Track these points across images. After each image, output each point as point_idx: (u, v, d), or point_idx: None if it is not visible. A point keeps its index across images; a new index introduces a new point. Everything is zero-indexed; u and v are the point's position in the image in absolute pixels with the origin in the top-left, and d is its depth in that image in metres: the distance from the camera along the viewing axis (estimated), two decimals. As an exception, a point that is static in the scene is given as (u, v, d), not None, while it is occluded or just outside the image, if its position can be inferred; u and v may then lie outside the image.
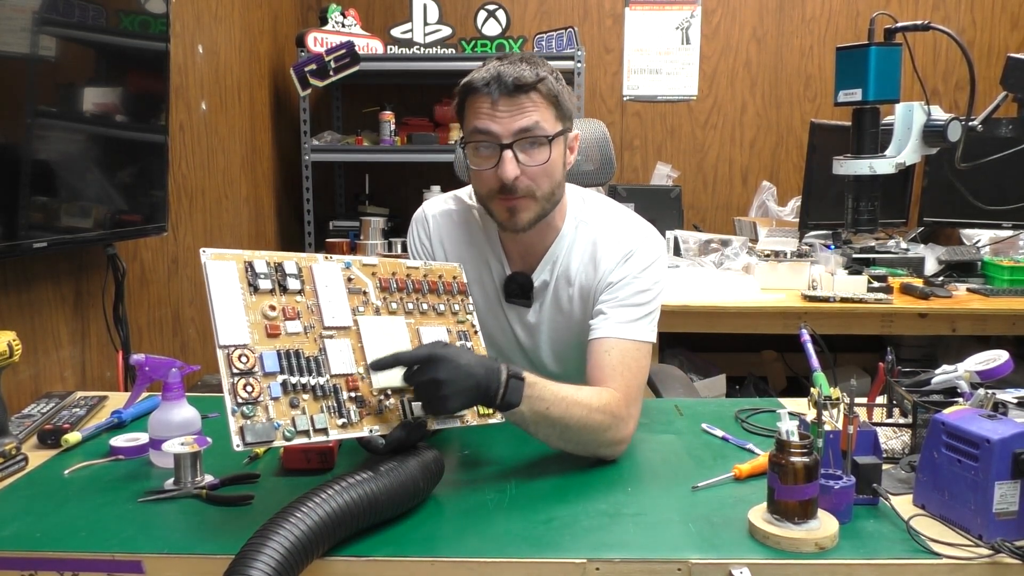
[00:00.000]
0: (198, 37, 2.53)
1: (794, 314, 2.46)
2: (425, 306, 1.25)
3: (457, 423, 1.19)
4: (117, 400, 1.53)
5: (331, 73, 3.12)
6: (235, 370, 1.00)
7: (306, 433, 1.01)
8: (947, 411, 1.07)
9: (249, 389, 0.99)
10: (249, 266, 1.08)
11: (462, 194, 1.51)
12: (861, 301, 2.48)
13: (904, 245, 3.07)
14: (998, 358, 1.27)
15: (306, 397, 1.04)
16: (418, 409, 1.14)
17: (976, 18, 3.64)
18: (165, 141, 2.00)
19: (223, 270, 1.06)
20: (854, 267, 2.80)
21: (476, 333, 1.29)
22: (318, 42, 3.26)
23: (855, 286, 2.53)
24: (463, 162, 1.42)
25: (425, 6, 3.39)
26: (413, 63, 3.36)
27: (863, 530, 1.03)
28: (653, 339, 1.35)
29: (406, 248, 1.53)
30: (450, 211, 1.49)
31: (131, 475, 1.21)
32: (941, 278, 2.71)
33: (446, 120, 3.48)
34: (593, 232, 1.41)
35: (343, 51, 3.12)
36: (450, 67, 3.25)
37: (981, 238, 3.11)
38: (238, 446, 0.96)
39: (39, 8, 1.53)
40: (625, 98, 3.74)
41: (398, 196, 3.62)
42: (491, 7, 3.42)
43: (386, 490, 1.01)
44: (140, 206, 1.94)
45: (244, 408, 0.98)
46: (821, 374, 1.18)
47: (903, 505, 1.08)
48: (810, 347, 1.25)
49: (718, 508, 1.09)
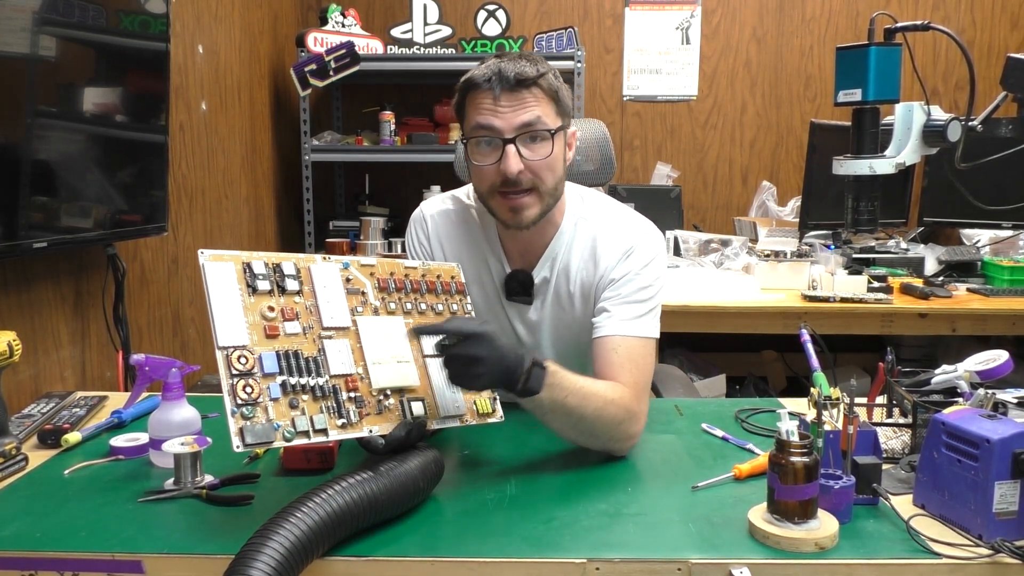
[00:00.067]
0: (198, 37, 2.53)
1: (794, 314, 2.46)
2: (424, 306, 1.25)
3: (457, 423, 1.19)
4: (117, 400, 1.54)
5: (331, 73, 3.12)
6: (234, 371, 1.00)
7: (306, 434, 1.02)
8: (947, 411, 1.07)
9: (248, 390, 0.99)
10: (247, 267, 1.08)
11: (460, 194, 1.51)
12: (861, 301, 2.48)
13: (904, 245, 3.07)
14: (998, 358, 1.27)
15: (305, 398, 1.04)
16: (418, 409, 1.14)
17: (976, 18, 3.64)
18: (165, 141, 2.00)
19: (221, 271, 1.06)
20: (854, 267, 2.80)
21: (476, 333, 1.29)
22: (318, 42, 3.26)
23: (855, 286, 2.53)
24: (463, 160, 1.42)
25: (425, 6, 3.39)
26: (413, 63, 3.35)
27: (863, 530, 1.03)
28: (657, 334, 1.36)
29: (405, 249, 1.53)
30: (448, 211, 1.49)
31: (131, 475, 1.21)
32: (941, 278, 2.71)
33: (446, 120, 3.48)
34: (593, 229, 1.41)
35: (343, 51, 3.12)
36: (450, 67, 3.24)
37: (981, 238, 3.11)
38: (238, 447, 0.96)
39: (39, 8, 1.53)
40: (625, 98, 3.74)
41: (398, 196, 3.61)
42: (491, 7, 3.42)
43: (386, 490, 1.01)
44: (140, 206, 1.94)
45: (244, 409, 0.98)
46: (821, 374, 1.18)
47: (903, 505, 1.08)
48: (810, 347, 1.25)
49: (718, 508, 1.09)
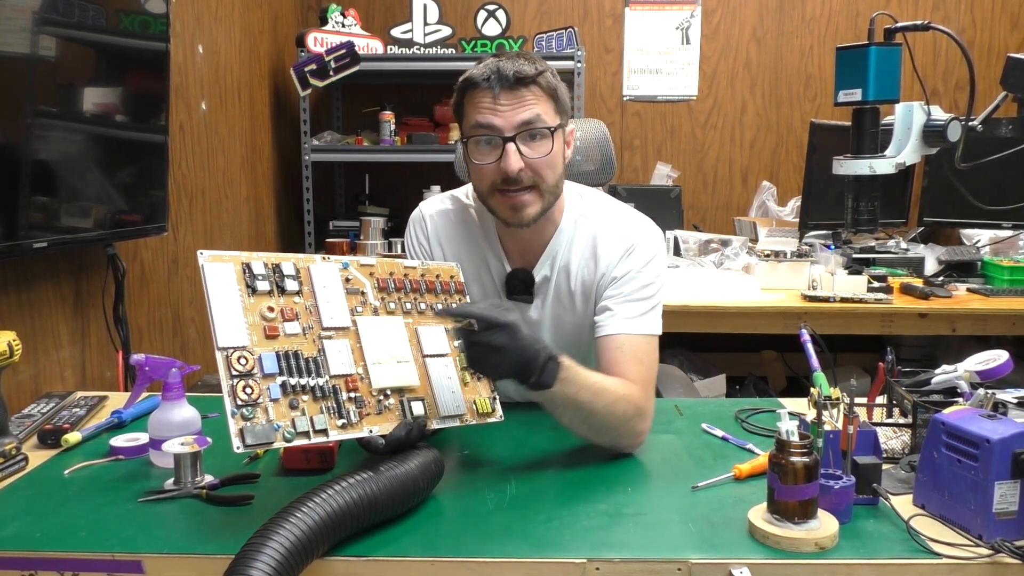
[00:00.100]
0: (198, 37, 2.53)
1: (794, 314, 2.46)
2: (423, 306, 1.25)
3: (457, 423, 1.19)
4: (117, 400, 1.53)
5: (331, 73, 3.12)
6: (234, 372, 1.00)
7: (306, 434, 1.02)
8: (947, 411, 1.07)
9: (248, 391, 0.99)
10: (247, 267, 1.08)
11: (459, 193, 1.51)
12: (861, 301, 2.48)
13: (904, 245, 3.07)
14: (998, 358, 1.27)
15: (305, 398, 1.04)
16: (418, 409, 1.14)
17: (976, 18, 3.64)
18: (165, 141, 2.00)
19: (221, 272, 1.06)
20: (854, 267, 2.80)
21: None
22: (318, 42, 3.26)
23: (855, 286, 2.53)
24: (463, 160, 1.42)
25: (425, 6, 3.39)
26: (413, 63, 3.35)
27: (863, 530, 1.03)
28: (660, 331, 1.37)
29: (404, 249, 1.53)
30: (447, 210, 1.49)
31: (131, 475, 1.21)
32: (941, 278, 2.70)
33: (446, 120, 3.48)
34: (593, 227, 1.42)
35: (343, 51, 3.12)
36: (450, 67, 3.24)
37: (981, 238, 3.11)
38: (238, 448, 0.96)
39: (39, 8, 1.53)
40: (625, 98, 3.74)
41: (398, 196, 3.61)
42: (491, 7, 3.42)
43: (386, 490, 1.01)
44: (140, 206, 1.94)
45: (244, 410, 0.98)
46: (821, 374, 1.18)
47: (903, 505, 1.08)
48: (810, 347, 1.25)
49: (718, 508, 1.09)
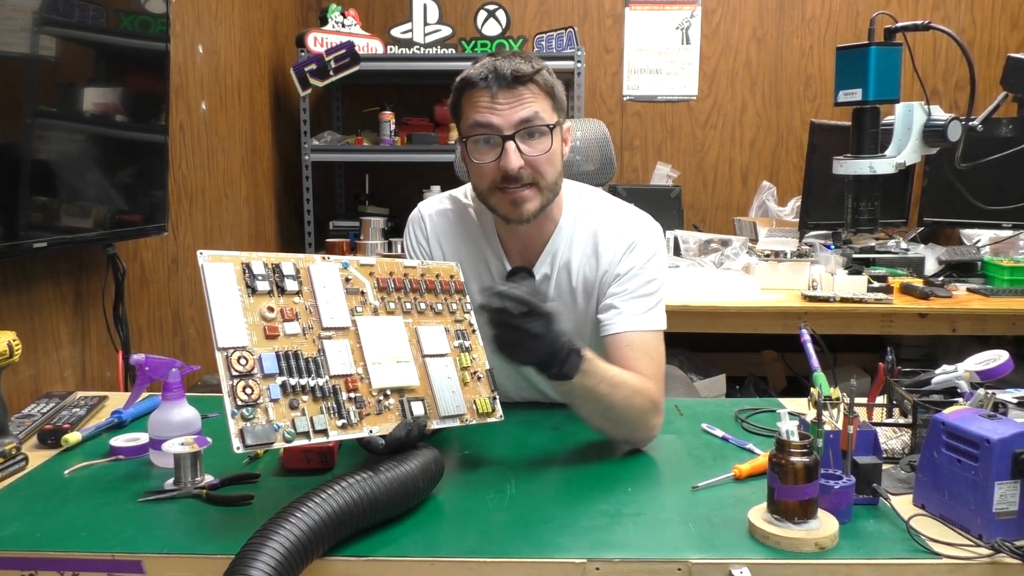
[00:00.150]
0: (198, 37, 2.53)
1: (794, 314, 2.46)
2: (423, 306, 1.25)
3: (457, 423, 1.19)
4: (117, 400, 1.53)
5: (331, 73, 3.12)
6: (234, 372, 1.00)
7: (306, 434, 1.02)
8: (947, 411, 1.07)
9: (248, 391, 0.99)
10: (247, 267, 1.08)
11: (457, 193, 1.51)
12: (861, 301, 2.48)
13: (904, 245, 3.07)
14: (998, 358, 1.27)
15: (305, 398, 1.04)
16: (418, 409, 1.14)
17: (976, 18, 3.64)
18: (165, 141, 2.00)
19: (221, 272, 1.05)
20: (854, 267, 2.80)
21: (474, 332, 1.29)
22: (318, 42, 3.26)
23: (855, 286, 2.53)
24: (461, 160, 1.42)
25: (425, 6, 3.39)
26: (413, 63, 3.35)
27: (863, 530, 1.03)
28: (665, 326, 1.38)
29: (404, 250, 1.53)
30: (446, 210, 1.49)
31: (131, 475, 1.21)
32: (941, 278, 2.71)
33: (446, 120, 3.48)
34: (593, 224, 1.42)
35: (343, 51, 3.12)
36: (450, 67, 3.23)
37: (981, 238, 3.11)
38: (238, 448, 0.96)
39: (39, 8, 1.53)
40: (625, 98, 3.74)
41: (398, 196, 3.61)
42: (491, 7, 3.42)
43: (386, 490, 1.01)
44: (140, 206, 1.94)
45: (244, 410, 0.98)
46: (821, 374, 1.18)
47: (903, 505, 1.08)
48: (810, 347, 1.25)
49: (718, 508, 1.09)
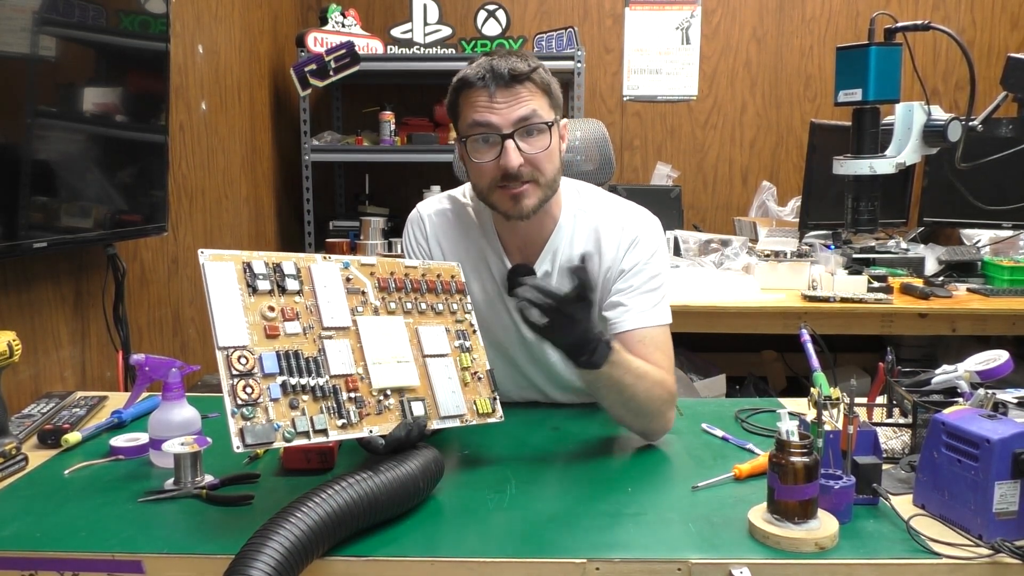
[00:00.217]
0: (198, 37, 2.53)
1: (794, 314, 2.46)
2: (424, 305, 1.25)
3: (457, 423, 1.19)
4: (117, 400, 1.53)
5: (331, 73, 3.11)
6: (234, 371, 1.00)
7: (306, 434, 1.02)
8: (947, 411, 1.07)
9: (249, 390, 0.99)
10: (247, 267, 1.08)
11: (456, 193, 1.52)
12: (861, 301, 2.48)
13: (904, 245, 3.07)
14: (998, 358, 1.27)
15: (306, 398, 1.04)
16: (418, 409, 1.14)
17: (976, 18, 3.63)
18: (165, 141, 2.00)
19: (221, 271, 1.06)
20: (854, 267, 2.80)
21: (475, 332, 1.30)
22: (318, 42, 3.26)
23: (855, 286, 2.53)
24: (460, 159, 1.42)
25: (425, 6, 3.39)
26: (413, 63, 3.35)
27: (863, 530, 1.03)
28: (671, 319, 1.41)
29: (403, 250, 1.53)
30: (445, 210, 1.50)
31: (131, 475, 1.21)
32: (941, 278, 2.70)
33: (446, 120, 3.47)
34: (593, 221, 1.42)
35: (343, 51, 3.12)
36: (450, 67, 3.18)
37: (981, 238, 3.11)
38: (238, 448, 0.96)
39: (39, 8, 1.53)
40: (625, 98, 3.74)
41: (398, 196, 3.61)
42: (491, 7, 3.42)
43: (386, 490, 1.01)
44: (140, 206, 1.94)
45: (244, 410, 0.98)
46: (821, 374, 1.18)
47: (903, 505, 1.08)
48: (810, 347, 1.25)
49: (718, 508, 1.09)
